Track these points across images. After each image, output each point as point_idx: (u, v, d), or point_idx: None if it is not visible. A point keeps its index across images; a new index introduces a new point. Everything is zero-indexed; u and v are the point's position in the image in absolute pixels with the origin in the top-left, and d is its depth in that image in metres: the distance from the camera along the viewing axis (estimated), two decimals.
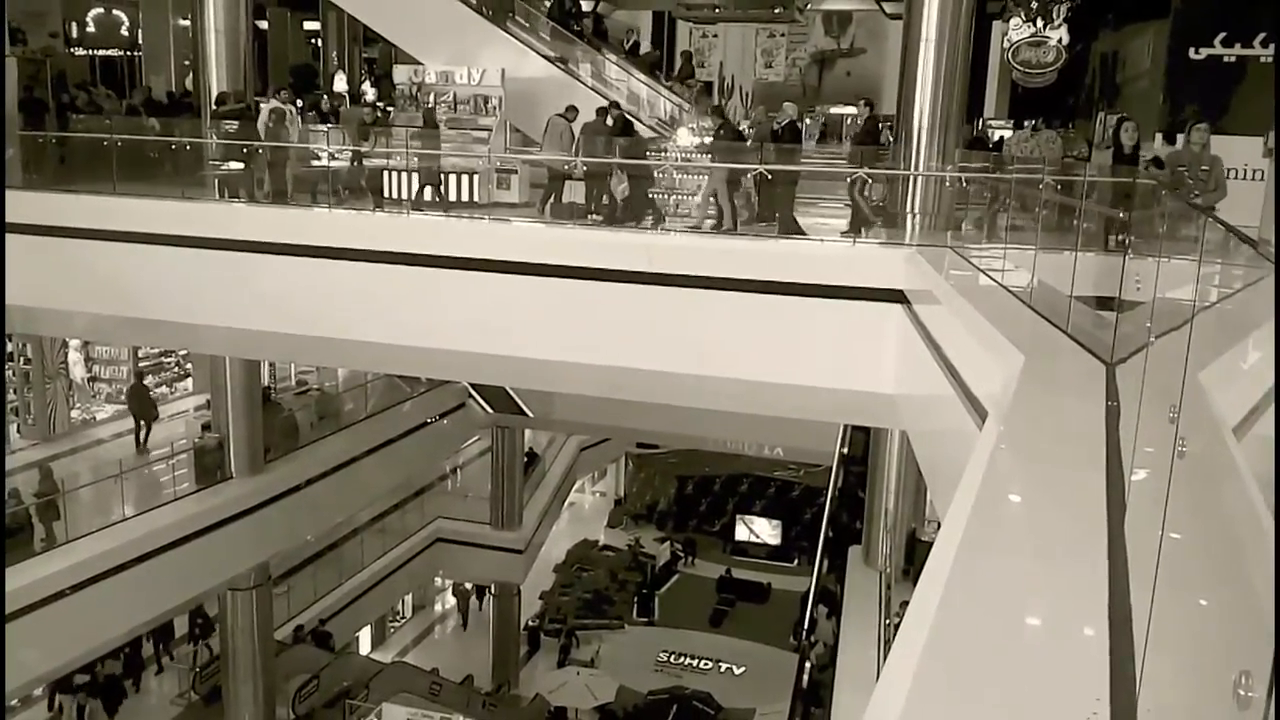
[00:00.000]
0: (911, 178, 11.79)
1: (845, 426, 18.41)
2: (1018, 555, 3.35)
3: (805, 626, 15.50)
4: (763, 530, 31.90)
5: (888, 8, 24.42)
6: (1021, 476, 4.20)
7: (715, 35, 29.75)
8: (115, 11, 24.64)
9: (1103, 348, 5.62)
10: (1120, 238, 7.70)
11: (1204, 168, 9.88)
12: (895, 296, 10.00)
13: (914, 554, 13.85)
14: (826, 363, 10.58)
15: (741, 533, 32.13)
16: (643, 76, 17.86)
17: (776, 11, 24.77)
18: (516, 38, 16.25)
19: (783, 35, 29.96)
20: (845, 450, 18.71)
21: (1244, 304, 6.55)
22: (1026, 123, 14.88)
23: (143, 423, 17.82)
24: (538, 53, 16.21)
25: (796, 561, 30.01)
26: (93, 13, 24.38)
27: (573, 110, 13.12)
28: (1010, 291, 7.72)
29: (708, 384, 11.27)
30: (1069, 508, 3.65)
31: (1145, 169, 10.06)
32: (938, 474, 8.17)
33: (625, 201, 12.18)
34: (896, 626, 11.63)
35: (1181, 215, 7.23)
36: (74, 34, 24.02)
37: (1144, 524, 3.19)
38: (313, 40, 28.05)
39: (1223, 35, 15.57)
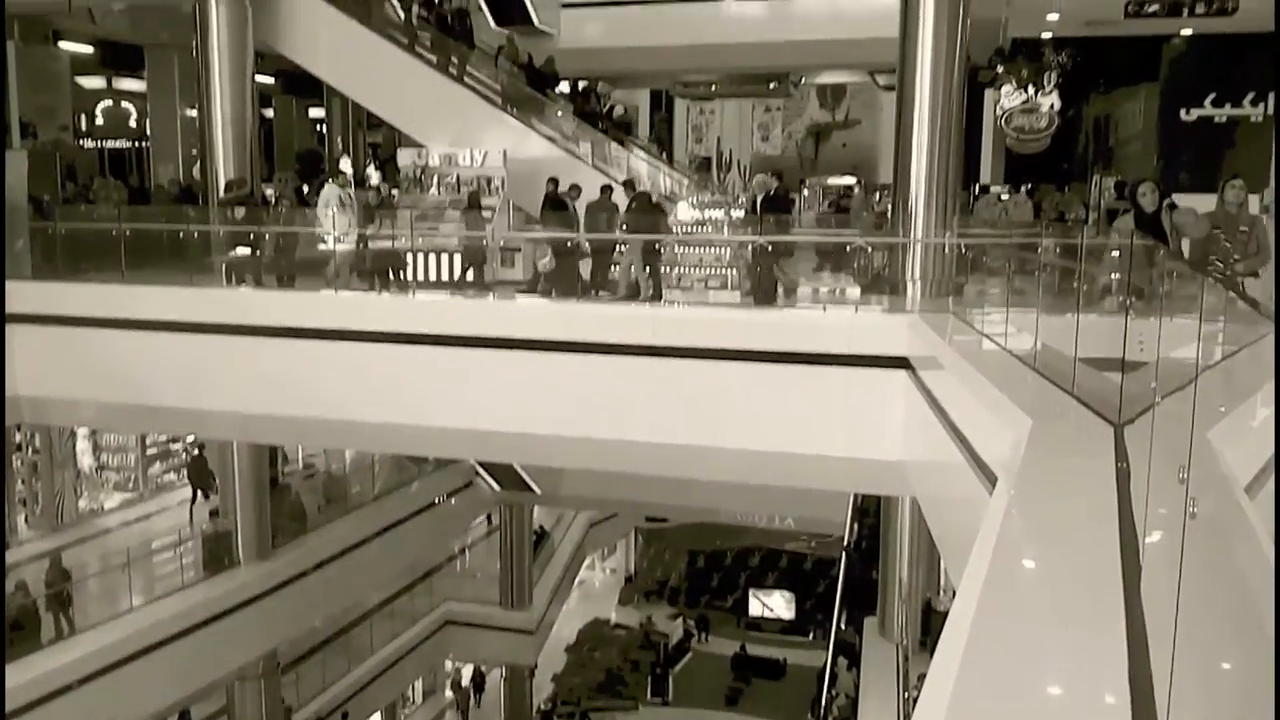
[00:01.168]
0: (911, 244, 11.90)
1: (855, 495, 18.28)
2: (1035, 622, 3.30)
3: (825, 681, 15.22)
4: (776, 604, 31.46)
5: (881, 80, 24.87)
6: (1034, 542, 4.16)
7: (713, 111, 30.33)
8: (124, 104, 25.19)
9: (1109, 409, 5.61)
10: (1122, 299, 7.71)
11: (1242, 228, 9.22)
12: (899, 363, 10.01)
13: (930, 624, 13.64)
14: (834, 431, 10.55)
15: (755, 607, 31.68)
16: (643, 154, 18.19)
17: (772, 87, 25.30)
18: (517, 118, 16.58)
19: (779, 109, 30.53)
20: (856, 519, 18.55)
21: (1247, 362, 6.55)
22: (993, 188, 15.07)
23: (200, 493, 18.09)
24: (538, 133, 16.52)
25: (811, 635, 29.55)
26: (102, 105, 24.93)
27: (575, 189, 13.32)
28: (1014, 355, 7.73)
29: (714, 455, 11.24)
30: (1084, 572, 3.61)
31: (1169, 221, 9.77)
32: (950, 541, 8.09)
33: (549, 274, 12.39)
34: (915, 699, 11.40)
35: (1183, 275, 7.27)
36: (83, 126, 24.52)
37: (1160, 587, 3.15)
38: (318, 126, 28.61)
39: (1212, 96, 15.83)
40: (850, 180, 26.08)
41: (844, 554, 17.93)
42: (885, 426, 10.17)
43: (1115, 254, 9.45)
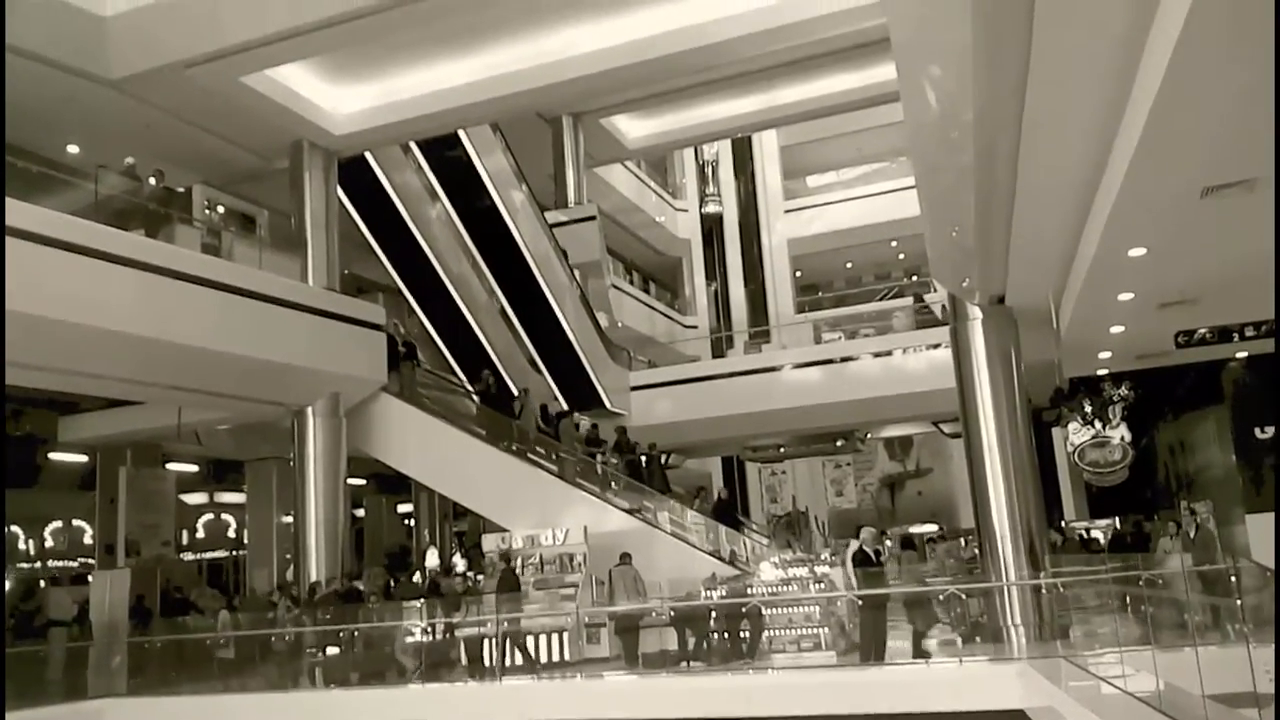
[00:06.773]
0: (1006, 588, 11.60)
1: None
2: None
3: None
4: None
5: (946, 428, 25.36)
6: None
7: (784, 471, 30.89)
8: (224, 516, 26.53)
9: None
10: (1238, 626, 7.36)
11: None
12: (1016, 717, 9.42)
13: None
14: None
15: None
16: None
17: (839, 444, 25.85)
18: (595, 495, 17.04)
19: (849, 464, 31.02)
20: None
21: None
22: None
23: None
24: (616, 507, 16.89)
25: None
26: (203, 519, 26.27)
27: (626, 558, 13.57)
28: (1136, 698, 7.28)
29: None
30: None
31: None
32: None
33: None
34: None
35: None
36: (184, 540, 25.69)
37: None
38: (406, 520, 29.56)
39: None
40: (933, 528, 25.89)
41: None
42: None
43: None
